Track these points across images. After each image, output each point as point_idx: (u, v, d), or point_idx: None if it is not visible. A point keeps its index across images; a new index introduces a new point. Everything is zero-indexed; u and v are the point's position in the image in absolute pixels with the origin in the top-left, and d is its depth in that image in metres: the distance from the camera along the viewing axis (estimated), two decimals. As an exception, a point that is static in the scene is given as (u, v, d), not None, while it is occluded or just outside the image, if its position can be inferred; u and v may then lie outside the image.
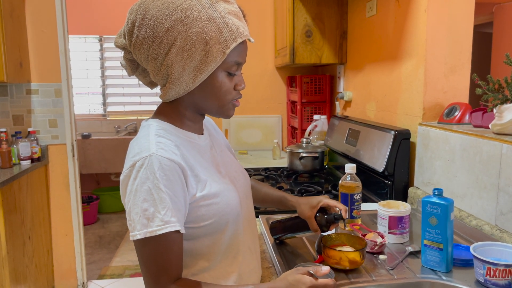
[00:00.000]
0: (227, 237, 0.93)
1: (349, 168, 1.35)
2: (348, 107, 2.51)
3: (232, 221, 0.93)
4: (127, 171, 0.84)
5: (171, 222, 0.81)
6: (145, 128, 0.92)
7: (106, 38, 4.81)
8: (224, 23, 0.86)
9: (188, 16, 0.84)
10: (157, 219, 0.81)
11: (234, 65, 0.90)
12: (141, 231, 0.81)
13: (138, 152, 0.85)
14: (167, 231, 0.81)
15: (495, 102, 1.28)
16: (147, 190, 0.81)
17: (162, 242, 0.82)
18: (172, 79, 0.88)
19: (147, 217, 0.81)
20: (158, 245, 0.82)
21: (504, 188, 1.21)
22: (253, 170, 2.36)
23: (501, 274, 0.95)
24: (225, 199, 0.92)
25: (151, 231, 0.80)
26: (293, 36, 2.46)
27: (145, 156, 0.83)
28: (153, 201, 0.81)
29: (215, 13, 0.85)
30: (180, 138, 0.91)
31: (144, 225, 0.81)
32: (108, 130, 4.84)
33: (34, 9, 2.79)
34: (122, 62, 0.99)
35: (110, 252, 3.66)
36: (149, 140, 0.86)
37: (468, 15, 1.62)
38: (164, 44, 0.85)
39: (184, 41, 0.84)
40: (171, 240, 0.83)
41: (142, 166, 0.82)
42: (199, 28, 0.84)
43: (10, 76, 2.50)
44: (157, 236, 0.81)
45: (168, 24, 0.84)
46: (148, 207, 0.81)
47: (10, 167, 2.61)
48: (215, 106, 0.93)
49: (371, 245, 1.17)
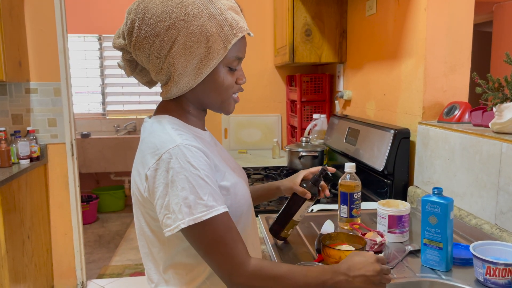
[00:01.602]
0: (239, 229, 0.93)
1: (348, 167, 1.35)
2: (348, 106, 2.50)
3: (245, 213, 0.95)
4: (153, 165, 0.84)
5: (215, 206, 0.82)
6: (156, 124, 0.91)
7: (105, 37, 4.80)
8: (224, 19, 0.86)
9: (188, 13, 0.84)
10: (200, 206, 0.81)
11: (235, 60, 0.91)
12: (184, 219, 0.80)
13: (161, 145, 0.84)
14: (213, 215, 0.81)
15: (495, 101, 1.28)
16: (184, 179, 0.81)
17: (216, 225, 0.82)
18: (175, 76, 0.88)
19: (188, 205, 0.80)
20: (214, 229, 0.82)
21: (504, 187, 1.21)
22: (253, 169, 2.36)
23: (500, 273, 0.95)
24: (241, 191, 0.94)
25: (195, 218, 0.80)
26: (292, 35, 2.46)
27: (172, 147, 0.83)
28: (192, 189, 0.81)
29: (215, 9, 0.86)
30: (191, 132, 0.92)
31: (186, 214, 0.80)
32: (107, 129, 4.83)
33: (33, 8, 2.79)
34: (120, 63, 0.98)
35: (109, 252, 3.65)
36: (169, 133, 0.86)
37: (468, 14, 1.62)
38: (165, 42, 0.85)
39: (185, 39, 0.85)
40: (224, 221, 0.83)
41: (172, 157, 0.82)
42: (200, 24, 0.84)
43: (9, 75, 2.50)
44: (207, 221, 0.81)
45: (169, 22, 0.84)
46: (187, 195, 0.81)
47: (9, 166, 2.60)
48: (218, 101, 0.94)
49: (370, 244, 1.17)
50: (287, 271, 0.84)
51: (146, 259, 0.96)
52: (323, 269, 0.87)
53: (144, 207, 0.90)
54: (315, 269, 0.87)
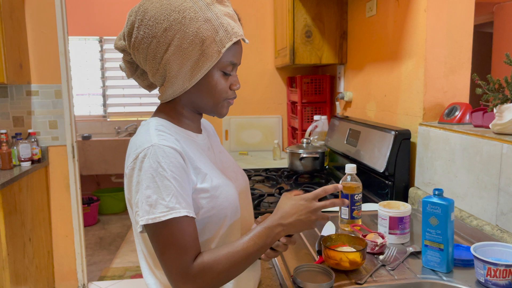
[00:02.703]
0: (224, 232, 0.94)
1: (349, 168, 1.35)
2: (348, 107, 2.50)
3: (230, 216, 0.94)
4: (131, 164, 0.86)
5: (176, 208, 0.82)
6: (144, 126, 0.94)
7: (106, 39, 4.81)
8: (220, 24, 0.89)
9: (186, 16, 0.87)
10: (161, 206, 0.81)
11: (229, 65, 0.93)
12: (143, 217, 0.82)
13: (140, 145, 0.86)
14: (172, 217, 0.81)
15: (495, 102, 1.28)
16: (150, 178, 0.82)
17: (172, 228, 0.82)
18: (170, 77, 0.90)
19: (150, 203, 0.81)
20: (169, 231, 0.82)
21: (504, 188, 1.20)
22: (254, 171, 2.36)
23: (501, 274, 0.95)
24: (224, 194, 0.93)
25: (154, 218, 0.81)
26: (293, 37, 2.46)
27: (147, 146, 0.85)
28: (157, 188, 0.82)
29: (211, 14, 0.89)
30: (179, 134, 0.93)
31: (146, 212, 0.81)
32: (108, 131, 4.84)
33: (34, 10, 2.80)
34: (121, 65, 1.01)
35: (110, 254, 3.65)
36: (149, 133, 0.88)
37: (468, 15, 1.62)
38: (162, 43, 0.88)
39: (181, 41, 0.87)
40: (182, 225, 0.83)
41: (146, 156, 0.84)
42: (196, 28, 0.87)
43: (10, 78, 2.50)
44: (165, 223, 0.81)
45: (166, 24, 0.87)
46: (151, 194, 0.82)
47: (10, 168, 2.61)
48: (210, 104, 0.95)
49: (371, 246, 1.17)
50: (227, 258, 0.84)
51: (140, 258, 0.97)
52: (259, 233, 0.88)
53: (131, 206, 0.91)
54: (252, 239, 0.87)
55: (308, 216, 0.89)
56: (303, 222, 0.89)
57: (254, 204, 1.69)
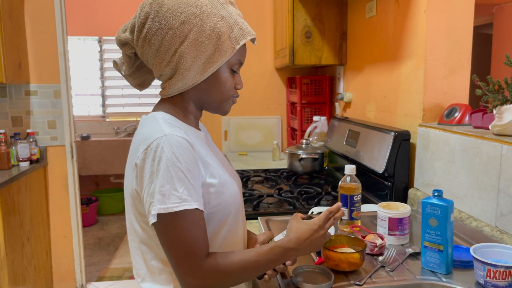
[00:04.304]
0: (225, 230, 0.94)
1: (348, 169, 1.35)
2: (348, 108, 2.50)
3: (233, 214, 0.95)
4: (141, 155, 0.85)
5: (188, 200, 0.82)
6: (150, 118, 0.94)
7: (105, 39, 4.81)
8: (235, 22, 0.93)
9: (203, 12, 0.89)
10: (174, 197, 0.81)
11: (237, 63, 0.96)
12: (155, 206, 0.81)
13: (151, 135, 0.86)
14: (184, 209, 0.81)
15: (495, 103, 1.28)
16: (165, 168, 0.82)
17: (184, 219, 0.82)
18: (182, 70, 0.91)
19: (163, 193, 0.81)
20: (180, 223, 0.82)
21: (504, 189, 1.20)
22: (253, 172, 2.36)
23: (501, 275, 0.95)
24: (230, 190, 0.94)
25: (166, 208, 0.81)
26: (292, 37, 2.46)
27: (160, 136, 0.85)
28: (170, 179, 0.81)
29: (226, 12, 0.92)
30: (186, 128, 0.94)
31: (158, 201, 0.81)
32: (107, 132, 4.83)
33: (33, 10, 2.79)
34: (117, 61, 1.01)
35: (109, 254, 3.65)
36: (159, 124, 0.89)
37: (468, 16, 1.62)
38: (178, 35, 0.89)
39: (198, 34, 0.89)
40: (194, 218, 0.83)
41: (159, 146, 0.83)
42: (213, 23, 0.90)
43: (9, 77, 2.50)
44: (176, 214, 0.81)
45: (184, 17, 0.89)
46: (164, 184, 0.81)
47: (9, 168, 2.60)
48: (217, 100, 0.97)
49: (370, 247, 1.17)
50: (240, 265, 0.86)
51: (134, 253, 0.96)
52: (273, 250, 0.89)
53: (133, 201, 0.91)
54: (267, 253, 0.88)
55: (321, 240, 0.94)
56: (316, 246, 0.94)
57: (254, 205, 1.69)
